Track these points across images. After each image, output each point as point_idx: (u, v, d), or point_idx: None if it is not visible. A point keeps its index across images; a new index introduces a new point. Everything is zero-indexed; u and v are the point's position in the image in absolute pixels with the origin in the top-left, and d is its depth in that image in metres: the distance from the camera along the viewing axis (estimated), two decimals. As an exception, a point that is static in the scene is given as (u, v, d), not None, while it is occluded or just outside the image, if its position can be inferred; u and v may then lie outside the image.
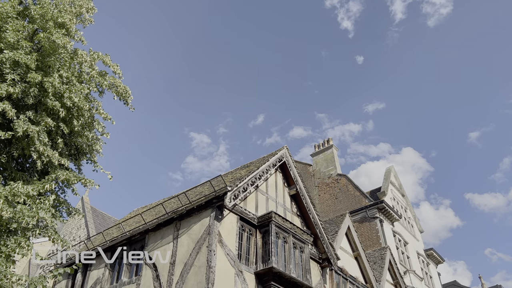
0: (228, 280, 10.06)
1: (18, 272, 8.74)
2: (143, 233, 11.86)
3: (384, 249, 18.63)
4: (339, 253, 14.53)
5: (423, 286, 22.81)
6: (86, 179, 7.19)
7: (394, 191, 26.33)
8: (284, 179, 13.64)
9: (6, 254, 5.36)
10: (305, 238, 12.32)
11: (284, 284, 11.13)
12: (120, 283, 11.52)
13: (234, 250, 10.64)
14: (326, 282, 13.58)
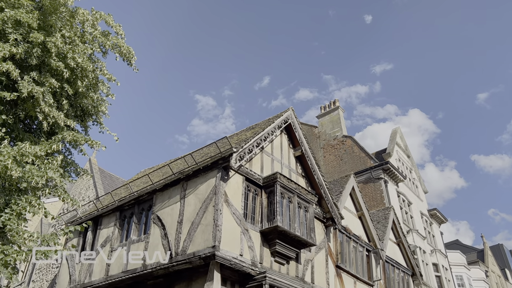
0: (234, 238, 10.33)
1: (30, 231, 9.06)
2: (150, 193, 12.09)
3: (388, 209, 18.91)
4: (343, 212, 14.78)
5: (425, 245, 23.29)
6: (93, 140, 7.27)
7: (399, 152, 26.39)
8: (290, 141, 13.68)
9: (17, 212, 5.53)
10: (309, 198, 12.51)
11: (289, 242, 11.42)
12: (130, 241, 11.87)
13: (240, 209, 10.85)
14: (330, 241, 13.90)
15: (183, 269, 10.34)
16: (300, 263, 12.10)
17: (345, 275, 14.03)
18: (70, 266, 13.18)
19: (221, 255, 9.67)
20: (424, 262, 21.89)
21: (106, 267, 11.97)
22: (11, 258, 5.17)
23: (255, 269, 10.44)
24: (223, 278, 10.04)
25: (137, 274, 10.95)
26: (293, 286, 11.00)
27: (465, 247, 43.27)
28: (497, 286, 36.57)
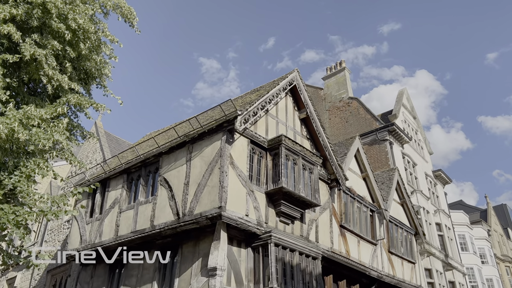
0: (240, 198, 10.51)
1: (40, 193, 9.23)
2: (157, 156, 12.21)
3: (393, 170, 19.02)
4: (348, 174, 14.90)
5: (429, 205, 23.58)
6: (98, 103, 7.28)
7: (405, 114, 26.22)
8: (295, 103, 13.61)
9: (26, 174, 5.64)
10: (314, 160, 12.58)
11: (294, 202, 11.61)
12: (137, 203, 12.12)
13: (245, 171, 10.97)
14: (334, 201, 14.11)
15: (191, 229, 10.60)
16: (304, 223, 12.34)
17: (349, 234, 14.33)
18: (80, 227, 13.55)
19: (227, 215, 9.88)
20: (427, 222, 22.24)
21: (116, 228, 12.29)
22: (22, 218, 5.33)
23: (260, 228, 10.67)
24: (229, 237, 10.30)
25: (146, 234, 11.25)
26: (298, 244, 11.28)
27: (468, 207, 43.77)
28: (499, 244, 37.26)
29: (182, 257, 10.80)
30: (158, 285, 11.00)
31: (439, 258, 21.74)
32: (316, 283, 11.42)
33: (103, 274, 12.66)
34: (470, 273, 26.56)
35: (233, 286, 10.07)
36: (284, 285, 10.37)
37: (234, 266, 10.28)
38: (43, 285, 17.38)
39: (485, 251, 30.49)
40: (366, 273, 14.46)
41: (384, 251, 16.13)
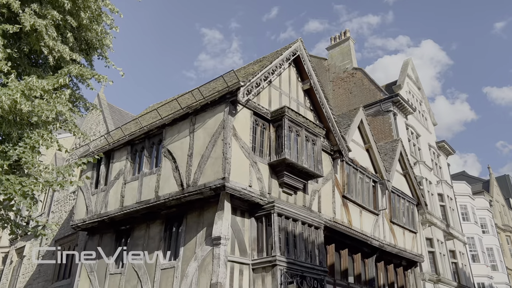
0: (243, 170, 10.59)
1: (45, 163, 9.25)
2: (160, 128, 12.24)
3: (396, 141, 19.01)
4: (351, 145, 14.91)
5: (432, 176, 23.69)
6: (100, 75, 7.24)
7: (410, 84, 25.96)
8: (298, 74, 13.48)
9: (30, 145, 5.68)
10: (317, 131, 12.58)
11: (296, 173, 11.68)
12: (142, 174, 12.24)
13: (248, 143, 11.00)
14: (337, 172, 14.19)
15: (195, 200, 10.74)
16: (307, 193, 12.47)
17: (351, 204, 14.48)
18: (86, 198, 13.74)
19: (230, 186, 9.98)
20: (429, 193, 22.40)
21: (121, 199, 12.46)
22: (28, 189, 5.41)
23: (263, 199, 10.80)
24: (233, 207, 10.45)
25: (151, 205, 11.41)
26: (300, 214, 11.43)
27: (471, 178, 43.93)
28: (500, 215, 37.62)
29: (186, 227, 10.99)
30: (164, 253, 11.24)
31: (440, 228, 22.02)
32: (319, 251, 11.64)
33: (110, 244, 12.93)
34: (470, 243, 26.97)
35: (237, 254, 10.28)
36: (287, 253, 10.58)
37: (237, 235, 10.47)
38: (51, 254, 17.81)
39: (486, 221, 30.84)
40: (367, 242, 14.70)
41: (386, 221, 16.34)
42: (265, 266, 10.25)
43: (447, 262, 21.67)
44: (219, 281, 9.41)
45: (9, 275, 20.99)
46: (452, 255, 22.99)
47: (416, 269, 18.17)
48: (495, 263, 29.51)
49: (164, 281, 10.71)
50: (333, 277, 13.33)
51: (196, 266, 10.10)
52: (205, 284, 9.68)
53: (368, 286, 14.84)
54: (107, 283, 12.25)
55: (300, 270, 10.63)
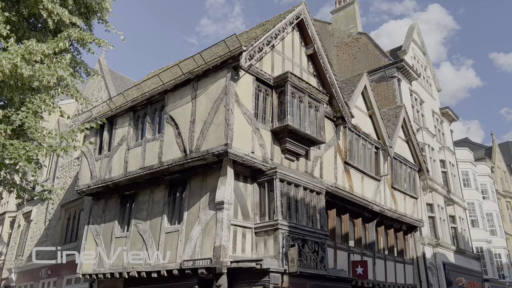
0: (246, 136, 10.61)
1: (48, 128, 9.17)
2: (162, 94, 12.17)
3: (399, 108, 18.90)
4: (354, 111, 14.84)
5: (434, 143, 23.68)
6: (100, 39, 7.14)
7: (415, 50, 25.51)
8: (301, 38, 13.24)
9: (33, 110, 5.68)
10: (320, 97, 12.49)
11: (299, 140, 11.70)
12: (145, 140, 12.29)
13: (250, 109, 10.96)
14: (340, 139, 14.20)
15: (198, 165, 10.83)
16: (309, 159, 12.53)
17: (353, 170, 14.58)
18: (90, 164, 13.87)
19: (233, 152, 10.03)
20: (431, 159, 22.47)
21: (125, 164, 12.57)
22: (33, 153, 5.45)
23: (266, 165, 10.88)
24: (236, 173, 10.55)
25: (154, 170, 11.52)
26: (302, 180, 11.54)
27: (473, 144, 43.92)
28: (501, 181, 37.86)
29: (190, 192, 11.14)
30: (168, 218, 11.45)
31: (441, 193, 22.24)
32: (320, 216, 11.83)
33: (115, 208, 13.17)
34: (470, 208, 27.28)
35: (239, 219, 10.47)
36: (289, 218, 10.77)
37: (240, 200, 10.62)
38: (58, 218, 18.18)
39: (487, 187, 31.08)
40: (368, 207, 14.90)
41: (387, 186, 16.49)
42: (268, 230, 10.45)
43: (446, 227, 22.01)
44: (222, 244, 9.63)
45: (18, 239, 21.53)
46: (452, 220, 23.33)
47: (415, 234, 18.51)
48: (494, 228, 29.97)
49: (168, 244, 10.97)
50: (334, 240, 13.61)
51: (199, 230, 10.31)
52: (209, 247, 9.91)
53: (369, 250, 15.17)
54: (113, 246, 12.55)
55: (302, 234, 10.84)
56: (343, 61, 25.63)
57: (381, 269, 15.48)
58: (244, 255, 10.26)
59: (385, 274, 15.57)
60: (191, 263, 10.07)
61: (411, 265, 17.58)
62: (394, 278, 16.05)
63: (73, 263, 14.26)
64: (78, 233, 16.23)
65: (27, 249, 19.85)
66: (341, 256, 13.69)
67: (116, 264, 12.20)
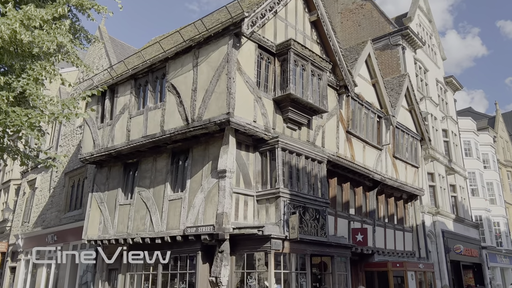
0: (248, 105, 10.56)
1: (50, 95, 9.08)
2: (163, 61, 12.04)
3: (403, 76, 18.71)
4: (357, 80, 14.70)
5: (437, 112, 23.57)
6: (99, 5, 7.02)
7: (421, 17, 24.98)
8: (305, 4, 12.95)
9: (34, 77, 5.64)
10: (323, 65, 12.34)
11: (301, 109, 11.66)
12: (146, 108, 12.26)
13: (253, 77, 10.86)
14: (342, 108, 14.13)
15: (200, 134, 10.85)
16: (311, 128, 12.52)
17: (355, 140, 14.59)
18: (92, 132, 13.90)
19: (235, 121, 10.02)
20: (434, 128, 22.43)
21: (127, 133, 12.59)
22: (35, 120, 5.46)
23: (268, 134, 10.88)
24: (238, 142, 10.58)
25: (157, 139, 11.55)
26: (304, 149, 11.58)
27: (477, 114, 43.68)
28: (503, 150, 37.86)
29: (192, 160, 11.21)
30: (171, 186, 11.58)
31: (442, 163, 22.33)
32: (321, 184, 11.94)
33: (118, 176, 13.29)
34: (471, 177, 27.43)
35: (241, 187, 10.58)
36: (290, 186, 10.87)
37: (242, 169, 10.70)
38: (62, 186, 18.41)
39: (488, 157, 31.12)
40: (369, 176, 15.01)
41: (389, 156, 16.54)
42: (269, 197, 10.58)
43: (447, 195, 22.23)
44: (224, 211, 9.77)
45: (23, 206, 21.89)
46: (452, 189, 23.52)
47: (416, 202, 18.72)
48: (494, 197, 30.22)
49: (172, 211, 11.14)
50: (335, 208, 13.79)
51: (202, 197, 10.44)
52: (212, 214, 10.07)
53: (369, 218, 15.39)
54: (117, 213, 12.76)
55: (303, 202, 10.98)
56: (347, 28, 25.17)
57: (380, 236, 15.75)
58: (246, 222, 10.43)
59: (384, 241, 15.87)
60: (194, 230, 10.26)
61: (411, 233, 17.87)
62: (393, 245, 16.36)
63: (79, 229, 14.56)
64: (83, 201, 16.47)
65: (33, 216, 20.22)
66: (341, 224, 13.91)
67: (121, 230, 12.44)
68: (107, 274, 13.45)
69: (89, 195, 14.08)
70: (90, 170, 15.79)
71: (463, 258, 21.99)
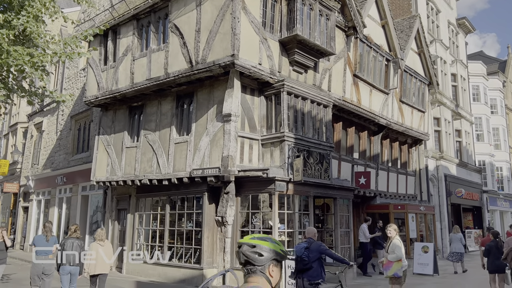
0: (253, 46, 10.31)
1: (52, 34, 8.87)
2: (165, 0, 11.62)
3: (414, 17, 18.05)
4: (366, 21, 14.20)
5: (447, 55, 22.99)
6: None
7: (436, -47, 23.62)
8: None
9: (33, 14, 5.48)
10: (332, 4, 11.88)
11: (308, 51, 11.38)
12: (150, 50, 12.02)
13: (258, 17, 10.51)
14: (350, 50, 13.78)
15: (204, 77, 10.71)
16: (318, 72, 12.30)
17: (361, 83, 14.37)
18: (96, 74, 13.76)
19: (240, 64, 9.84)
20: (442, 72, 21.98)
21: (131, 75, 12.45)
22: (38, 60, 5.37)
23: (273, 77, 10.72)
24: (242, 85, 10.46)
25: (161, 82, 11.43)
26: (310, 93, 11.45)
27: (488, 58, 42.56)
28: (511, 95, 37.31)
29: (197, 104, 11.16)
30: (177, 129, 11.63)
31: (449, 107, 22.12)
32: (326, 129, 11.94)
33: (123, 119, 13.33)
34: (477, 123, 27.28)
35: (246, 130, 10.61)
36: (295, 130, 10.88)
37: (247, 113, 10.67)
38: (68, 129, 18.57)
39: (496, 102, 30.75)
40: (375, 120, 14.95)
41: (396, 100, 16.37)
42: (274, 141, 10.63)
43: (451, 140, 22.25)
44: (230, 154, 9.88)
45: (32, 148, 22.24)
46: (457, 134, 23.50)
47: (420, 147, 18.79)
48: (499, 142, 30.23)
49: (178, 154, 11.28)
50: (339, 152, 13.89)
51: (208, 141, 10.52)
52: (217, 157, 10.19)
53: (372, 162, 15.54)
54: (124, 155, 12.95)
55: (307, 145, 11.04)
56: (357, -34, 23.93)
57: (383, 180, 15.99)
58: (251, 165, 10.57)
59: (387, 185, 16.13)
60: (200, 172, 10.44)
61: (413, 177, 18.11)
62: (395, 189, 16.65)
63: (87, 171, 14.87)
64: (90, 143, 16.67)
65: (42, 158, 20.60)
66: (345, 167, 14.08)
67: (128, 172, 12.68)
68: (116, 214, 13.91)
69: (96, 138, 14.22)
70: (96, 113, 15.83)
71: (463, 201, 22.45)
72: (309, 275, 6.05)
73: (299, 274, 6.20)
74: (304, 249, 6.20)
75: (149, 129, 12.34)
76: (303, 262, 6.13)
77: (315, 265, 6.13)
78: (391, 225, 7.81)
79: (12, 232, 23.03)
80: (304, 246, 6.28)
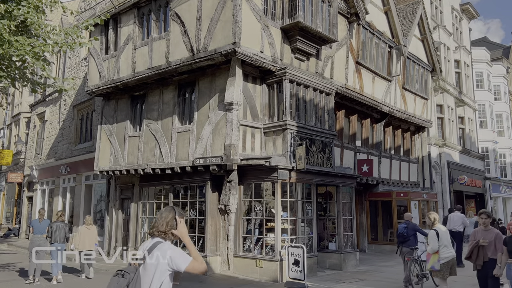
0: (255, 34, 10.25)
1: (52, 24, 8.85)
2: (166, -11, 11.53)
3: (417, 3, 17.85)
4: (369, 7, 14.05)
5: (450, 42, 22.79)
6: None
7: None
8: None
9: (34, 5, 5.46)
10: (334, -9, 11.75)
11: (310, 38, 11.31)
12: (151, 39, 11.96)
13: (259, 4, 10.43)
14: (352, 37, 13.68)
15: (206, 66, 10.67)
16: (320, 59, 12.24)
17: (364, 70, 14.29)
18: (98, 64, 13.72)
19: (241, 52, 9.79)
20: (446, 59, 21.82)
21: (132, 64, 12.41)
22: (39, 50, 5.36)
23: (275, 65, 10.67)
24: (244, 73, 10.42)
25: (162, 70, 11.39)
26: (312, 81, 11.40)
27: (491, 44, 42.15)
28: (515, 82, 37.01)
29: (199, 93, 11.14)
30: (179, 118, 11.63)
31: (452, 94, 22.00)
32: (328, 117, 11.91)
33: (126, 108, 13.33)
34: (481, 109, 27.13)
35: (249, 119, 10.60)
36: (297, 118, 10.86)
37: (249, 101, 10.65)
38: (71, 119, 18.60)
39: (500, 88, 30.50)
40: (378, 108, 14.90)
41: (398, 87, 16.29)
42: (276, 130, 10.63)
43: (454, 127, 22.17)
44: (232, 143, 9.89)
45: (35, 138, 22.32)
46: (460, 121, 23.41)
47: (423, 134, 18.75)
48: (502, 129, 30.08)
49: (180, 143, 11.30)
50: (341, 140, 13.89)
51: (210, 130, 10.52)
52: (220, 146, 10.20)
53: (375, 149, 15.53)
54: (127, 145, 12.98)
55: (310, 134, 11.03)
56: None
57: (386, 167, 16.00)
58: (254, 153, 10.59)
59: (389, 172, 16.14)
60: (203, 161, 10.47)
61: (416, 164, 18.10)
62: (398, 176, 16.66)
63: (90, 161, 14.93)
64: (92, 133, 16.71)
65: (45, 148, 20.68)
66: (347, 155, 14.08)
67: (131, 161, 12.72)
68: (120, 203, 14.00)
69: (98, 128, 14.24)
70: (98, 102, 15.83)
71: (466, 188, 22.45)
72: (408, 244, 8.78)
73: (400, 244, 8.91)
74: (404, 228, 8.91)
75: (151, 118, 12.34)
76: (404, 237, 8.84)
77: (411, 238, 8.85)
78: (429, 213, 7.35)
79: (17, 221, 23.25)
80: (404, 226, 9.01)
